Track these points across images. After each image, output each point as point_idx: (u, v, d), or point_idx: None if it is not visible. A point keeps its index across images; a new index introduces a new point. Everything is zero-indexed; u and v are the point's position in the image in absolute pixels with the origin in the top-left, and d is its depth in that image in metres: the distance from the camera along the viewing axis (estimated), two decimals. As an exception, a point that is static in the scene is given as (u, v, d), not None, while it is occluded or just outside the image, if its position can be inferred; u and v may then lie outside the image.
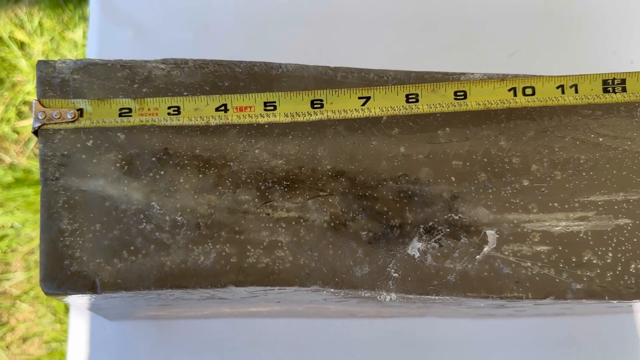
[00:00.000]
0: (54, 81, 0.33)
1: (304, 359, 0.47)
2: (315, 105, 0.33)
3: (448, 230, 0.33)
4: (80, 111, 0.32)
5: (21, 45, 1.08)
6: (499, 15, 0.53)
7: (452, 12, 0.53)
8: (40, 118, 0.32)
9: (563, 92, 0.33)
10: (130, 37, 0.51)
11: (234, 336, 0.47)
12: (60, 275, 0.31)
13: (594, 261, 0.33)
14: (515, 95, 0.33)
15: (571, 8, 0.54)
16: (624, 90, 0.32)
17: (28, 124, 1.03)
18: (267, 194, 0.33)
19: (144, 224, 0.32)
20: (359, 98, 0.33)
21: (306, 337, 0.47)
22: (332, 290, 0.32)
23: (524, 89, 0.33)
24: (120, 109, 0.32)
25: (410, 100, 0.33)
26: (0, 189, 1.00)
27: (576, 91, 0.32)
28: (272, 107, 0.33)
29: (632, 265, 0.33)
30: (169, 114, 0.32)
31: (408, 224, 0.33)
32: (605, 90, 0.33)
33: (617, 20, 0.54)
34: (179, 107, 0.32)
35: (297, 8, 0.54)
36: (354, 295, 0.34)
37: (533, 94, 0.33)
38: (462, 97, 0.33)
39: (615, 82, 0.33)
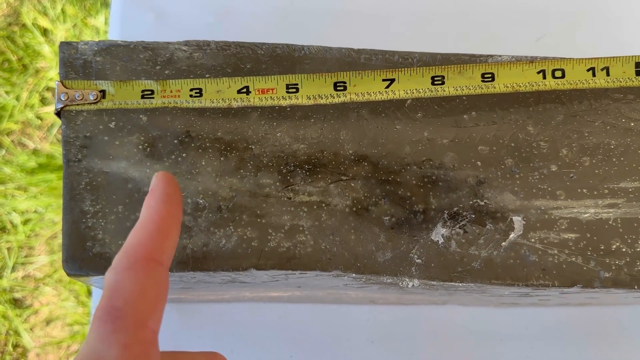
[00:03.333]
0: (76, 63, 0.33)
1: (324, 345, 0.47)
2: (338, 88, 0.32)
3: (473, 216, 0.32)
4: (103, 92, 0.32)
5: (44, 32, 1.09)
6: (526, -2, 0.52)
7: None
8: (62, 99, 0.32)
9: (594, 75, 0.32)
10: (151, 20, 0.50)
11: (254, 320, 0.47)
12: (83, 257, 0.31)
13: (623, 249, 0.32)
14: (544, 77, 0.32)
15: (601, -9, 0.53)
16: (658, 73, 0.31)
17: (51, 110, 1.04)
18: (288, 177, 0.33)
19: (166, 206, 0.32)
20: (383, 80, 0.32)
21: (327, 323, 0.47)
22: (353, 275, 0.32)
23: (553, 71, 0.32)
24: (143, 91, 0.32)
25: (436, 82, 0.32)
26: (24, 174, 1.01)
27: (607, 74, 0.31)
28: (294, 90, 0.32)
29: (663, 254, 0.32)
30: (191, 95, 0.32)
31: (432, 210, 0.32)
32: (639, 74, 0.32)
33: (650, 3, 0.52)
34: (201, 89, 0.32)
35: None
36: (375, 281, 0.33)
37: (563, 76, 0.32)
38: (490, 79, 0.32)
39: (649, 65, 0.32)
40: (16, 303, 0.98)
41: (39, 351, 0.96)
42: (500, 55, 0.34)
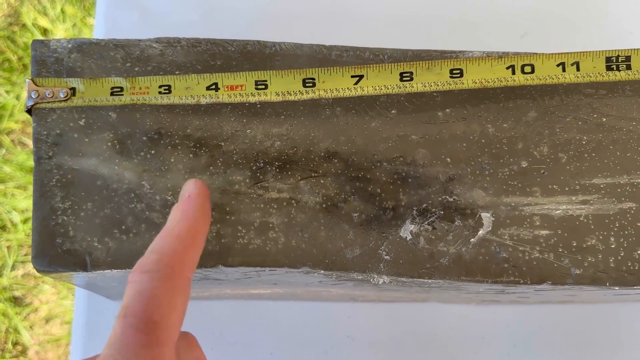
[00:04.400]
0: (48, 60, 0.33)
1: (304, 342, 0.47)
2: (307, 84, 0.32)
3: (442, 212, 0.32)
4: (73, 90, 0.32)
5: (44, 32, 1.09)
6: (511, -6, 0.52)
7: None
8: (33, 97, 0.32)
9: (564, 70, 0.31)
10: (136, 18, 0.51)
11: (235, 318, 0.47)
12: (52, 253, 0.31)
13: (596, 246, 0.32)
14: (513, 73, 0.31)
15: (588, -14, 0.52)
16: (628, 67, 0.31)
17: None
18: (258, 174, 0.33)
19: (135, 203, 0.32)
20: (352, 77, 0.32)
21: (307, 320, 0.47)
22: (322, 272, 0.32)
23: (522, 66, 0.31)
24: (112, 88, 0.32)
25: (404, 78, 0.32)
26: (24, 173, 1.02)
27: (578, 69, 0.31)
28: (263, 86, 0.32)
29: (636, 250, 0.32)
30: (160, 92, 0.32)
31: (401, 206, 0.32)
32: (609, 68, 0.31)
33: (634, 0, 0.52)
34: (170, 86, 0.32)
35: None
36: (346, 277, 0.33)
37: (532, 72, 0.31)
38: (458, 75, 0.32)
39: (620, 60, 0.31)
40: (16, 301, 0.99)
41: (38, 349, 0.97)
42: (471, 51, 0.34)
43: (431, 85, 0.32)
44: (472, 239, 0.32)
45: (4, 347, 0.97)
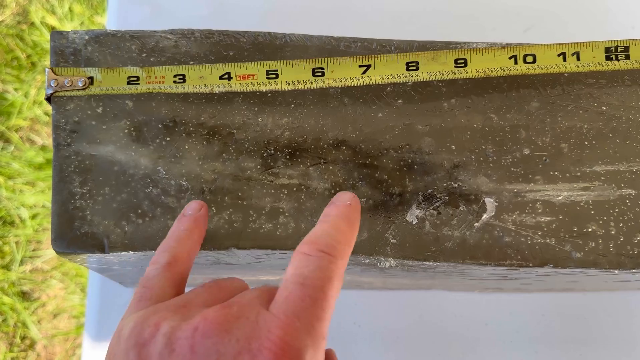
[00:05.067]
0: (66, 51, 0.35)
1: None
2: (317, 74, 0.33)
3: (447, 198, 0.33)
4: (91, 79, 0.34)
5: (52, 30, 1.11)
6: (514, -10, 0.53)
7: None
8: (52, 86, 0.33)
9: (565, 60, 0.32)
10: (147, 13, 0.52)
11: (244, 305, 0.48)
12: (70, 236, 0.32)
13: (596, 231, 0.33)
14: (516, 63, 0.33)
15: (589, -17, 0.53)
16: (627, 57, 0.32)
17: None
18: (269, 161, 0.34)
19: (151, 188, 0.33)
20: (360, 66, 0.33)
21: (314, 308, 0.48)
22: (331, 255, 0.33)
23: (524, 56, 0.32)
24: (129, 77, 0.33)
25: (410, 68, 0.33)
26: (32, 170, 1.03)
27: (578, 59, 0.32)
28: (274, 75, 0.33)
29: (635, 235, 0.33)
30: (174, 82, 0.33)
31: (408, 192, 0.33)
32: (608, 58, 0.32)
33: (636, -6, 0.53)
34: (184, 76, 0.33)
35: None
36: (354, 261, 0.34)
37: (534, 61, 0.32)
38: (463, 64, 0.33)
39: (619, 50, 0.32)
40: (24, 296, 1.00)
41: (46, 343, 0.98)
42: (475, 42, 0.35)
43: (436, 75, 0.33)
44: (476, 224, 0.33)
45: (12, 341, 0.98)
